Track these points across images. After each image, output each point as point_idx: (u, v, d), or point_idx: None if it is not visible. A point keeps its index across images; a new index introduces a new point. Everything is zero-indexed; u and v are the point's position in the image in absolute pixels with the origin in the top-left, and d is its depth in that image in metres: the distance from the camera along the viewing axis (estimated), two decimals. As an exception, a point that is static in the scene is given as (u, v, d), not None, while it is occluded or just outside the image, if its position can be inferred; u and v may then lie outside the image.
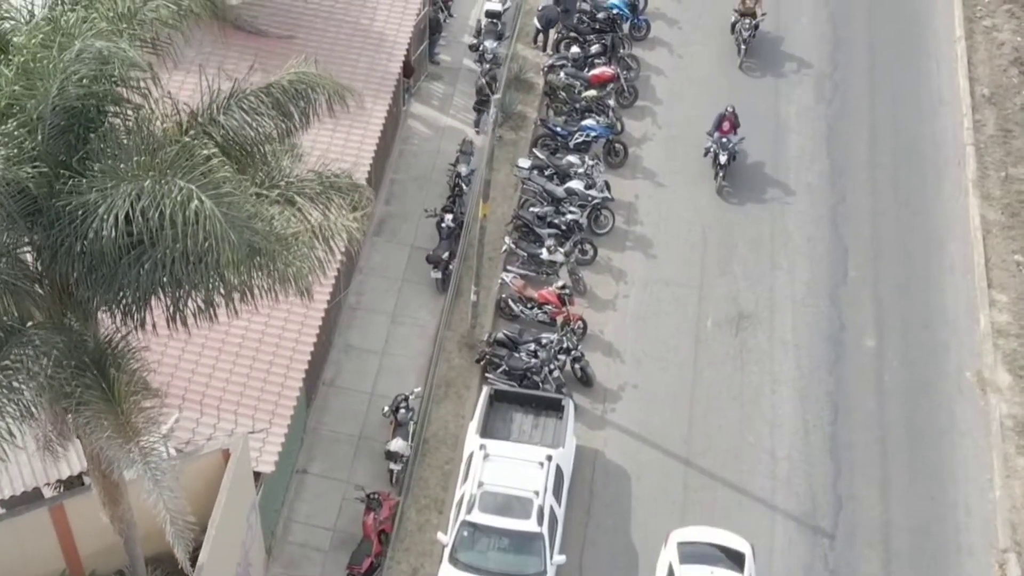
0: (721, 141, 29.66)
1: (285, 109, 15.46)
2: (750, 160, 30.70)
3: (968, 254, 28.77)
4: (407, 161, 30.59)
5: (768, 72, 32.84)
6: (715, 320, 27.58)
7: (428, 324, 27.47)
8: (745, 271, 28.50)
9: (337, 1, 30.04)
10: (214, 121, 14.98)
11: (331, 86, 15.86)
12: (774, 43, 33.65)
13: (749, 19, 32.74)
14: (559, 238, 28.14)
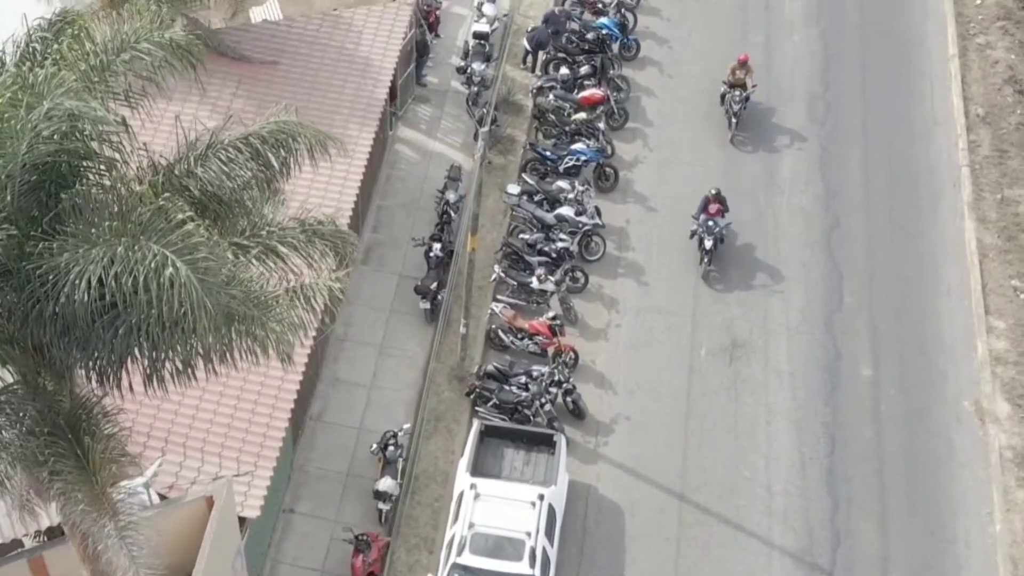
0: (707, 224, 27.89)
1: (265, 159, 14.98)
2: (743, 183, 30.21)
3: (964, 279, 28.34)
4: (394, 187, 30.08)
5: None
6: (709, 349, 27.12)
7: (417, 356, 26.97)
8: (739, 298, 28.02)
9: (322, 25, 29.57)
10: (191, 173, 14.46)
11: (312, 134, 15.34)
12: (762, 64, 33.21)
13: (739, 91, 30.93)
14: (549, 266, 27.66)
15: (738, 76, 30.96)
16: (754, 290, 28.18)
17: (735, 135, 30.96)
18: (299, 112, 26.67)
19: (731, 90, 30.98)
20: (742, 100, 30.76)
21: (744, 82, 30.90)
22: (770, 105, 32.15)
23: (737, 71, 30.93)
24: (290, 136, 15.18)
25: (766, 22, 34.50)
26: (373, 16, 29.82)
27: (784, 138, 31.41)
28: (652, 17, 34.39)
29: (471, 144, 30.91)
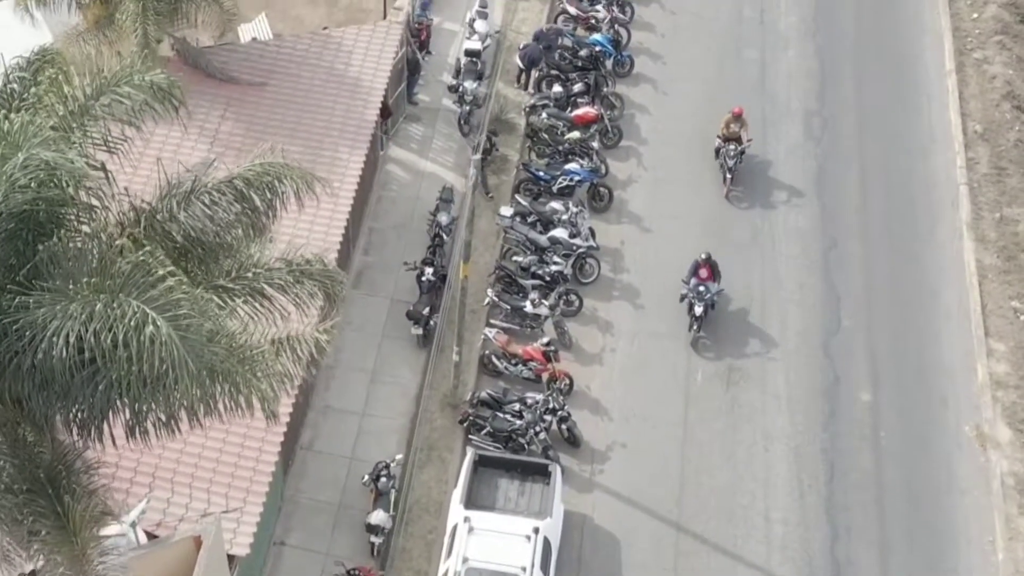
0: (698, 290, 26.57)
1: (250, 202, 14.52)
2: (741, 204, 29.82)
3: (964, 300, 27.97)
4: (385, 208, 29.65)
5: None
6: (705, 374, 26.72)
7: (409, 382, 26.54)
8: (736, 321, 27.60)
9: (311, 45, 29.15)
10: (174, 218, 14.02)
11: (299, 176, 14.92)
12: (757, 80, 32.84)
13: (734, 145, 29.55)
14: (543, 290, 27.25)
15: (732, 129, 29.54)
16: (750, 313, 27.75)
17: (731, 190, 29.67)
18: (290, 133, 26.98)
19: (725, 144, 29.57)
20: (737, 155, 29.38)
21: (739, 135, 29.53)
22: (764, 128, 31.71)
23: (731, 124, 29.56)
24: (276, 178, 14.77)
25: (761, 37, 34.12)
26: (363, 35, 29.40)
27: (780, 156, 30.98)
28: (646, 32, 33.98)
29: (463, 163, 30.52)
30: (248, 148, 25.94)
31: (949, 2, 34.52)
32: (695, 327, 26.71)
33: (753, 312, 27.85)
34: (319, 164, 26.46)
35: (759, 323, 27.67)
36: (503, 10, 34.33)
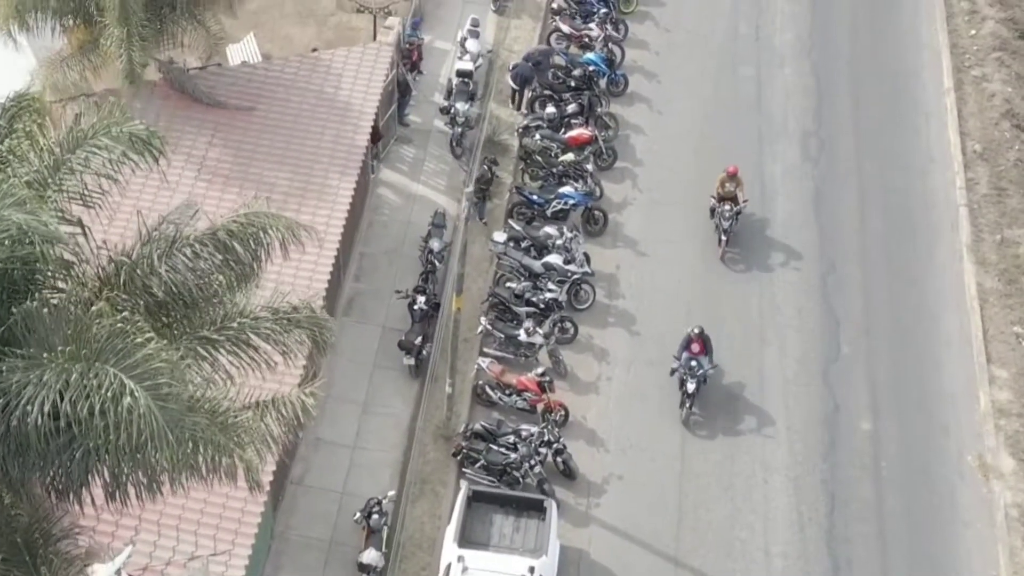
0: (690, 365, 25.25)
1: (234, 254, 14.01)
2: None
3: (965, 325, 27.53)
4: (377, 233, 29.15)
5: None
6: (702, 403, 26.23)
7: (402, 413, 26.05)
8: (732, 349, 27.12)
9: (300, 68, 28.66)
10: (154, 272, 13.52)
11: (284, 225, 14.41)
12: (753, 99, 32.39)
13: (729, 205, 28.27)
14: (538, 317, 26.76)
15: (728, 189, 28.30)
16: (748, 339, 27.30)
17: (726, 252, 28.45)
18: (278, 160, 26.50)
19: (720, 204, 28.35)
20: (733, 215, 28.12)
21: (735, 195, 28.29)
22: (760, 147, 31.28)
23: (727, 183, 28.30)
24: (261, 229, 14.27)
25: (756, 54, 33.68)
26: (353, 57, 28.91)
27: (777, 178, 30.55)
28: (640, 50, 33.52)
29: (455, 186, 30.08)
30: (236, 175, 26.19)
31: (947, 18, 34.11)
32: (687, 404, 25.38)
33: (751, 338, 27.39)
34: (308, 192, 26.16)
35: (757, 349, 27.22)
36: (495, 28, 33.86)
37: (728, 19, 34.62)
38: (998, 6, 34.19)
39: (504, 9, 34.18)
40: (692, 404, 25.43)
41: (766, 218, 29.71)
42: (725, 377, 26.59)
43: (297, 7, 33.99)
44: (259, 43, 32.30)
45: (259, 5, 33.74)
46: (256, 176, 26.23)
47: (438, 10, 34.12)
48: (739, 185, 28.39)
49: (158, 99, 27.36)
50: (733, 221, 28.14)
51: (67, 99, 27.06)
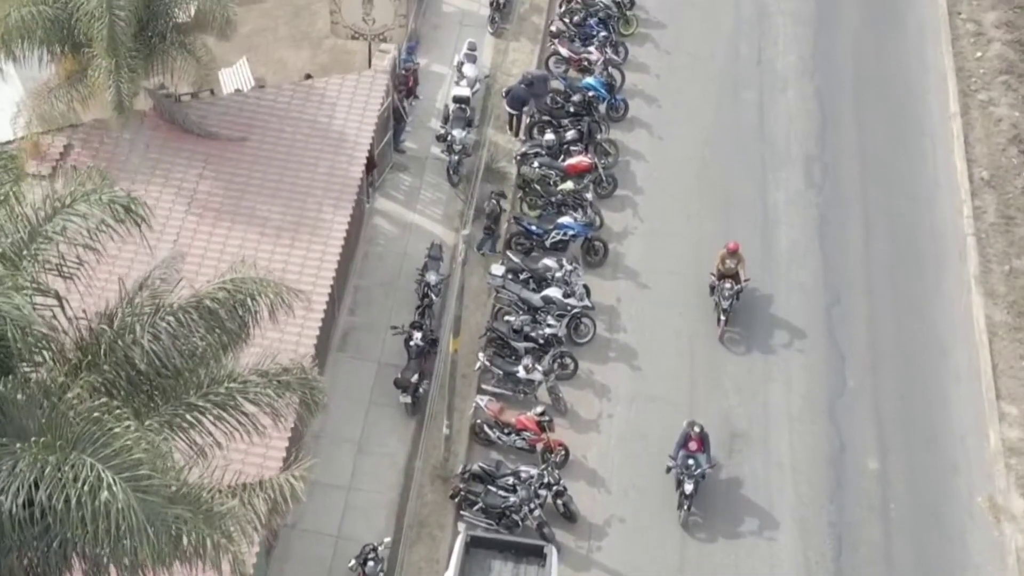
0: (687, 463, 23.95)
1: (220, 324, 13.38)
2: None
3: (974, 360, 26.92)
4: (372, 264, 28.52)
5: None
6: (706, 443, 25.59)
7: (398, 453, 25.43)
8: (736, 384, 26.53)
9: (294, 96, 28.01)
10: (136, 342, 12.88)
11: (273, 290, 13.78)
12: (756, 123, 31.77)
13: (730, 283, 26.88)
14: (537, 353, 26.14)
15: (728, 265, 26.87)
16: (752, 375, 26.70)
17: (725, 332, 27.12)
18: (271, 193, 25.86)
19: (720, 282, 26.96)
20: (733, 294, 26.68)
21: (736, 272, 26.89)
22: (764, 173, 30.67)
23: (727, 260, 26.88)
24: (248, 296, 13.63)
25: (758, 77, 33.07)
26: (348, 85, 28.25)
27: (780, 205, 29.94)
28: (640, 73, 32.91)
29: (452, 215, 29.49)
30: (227, 209, 25.55)
31: (952, 40, 33.49)
32: (685, 506, 24.00)
33: (755, 373, 26.78)
34: (302, 226, 25.53)
35: (761, 385, 26.62)
36: (493, 51, 33.25)
37: (729, 41, 34.01)
38: (1004, 28, 33.59)
39: (502, 31, 33.58)
40: (691, 506, 23.98)
41: (769, 249, 29.09)
42: (729, 415, 25.99)
43: (291, 30, 33.38)
44: (252, 67, 31.67)
45: (252, 28, 33.13)
46: (248, 210, 25.60)
47: (435, 32, 33.53)
48: (740, 262, 26.87)
49: (148, 129, 26.72)
50: (733, 300, 26.71)
51: (55, 130, 26.48)
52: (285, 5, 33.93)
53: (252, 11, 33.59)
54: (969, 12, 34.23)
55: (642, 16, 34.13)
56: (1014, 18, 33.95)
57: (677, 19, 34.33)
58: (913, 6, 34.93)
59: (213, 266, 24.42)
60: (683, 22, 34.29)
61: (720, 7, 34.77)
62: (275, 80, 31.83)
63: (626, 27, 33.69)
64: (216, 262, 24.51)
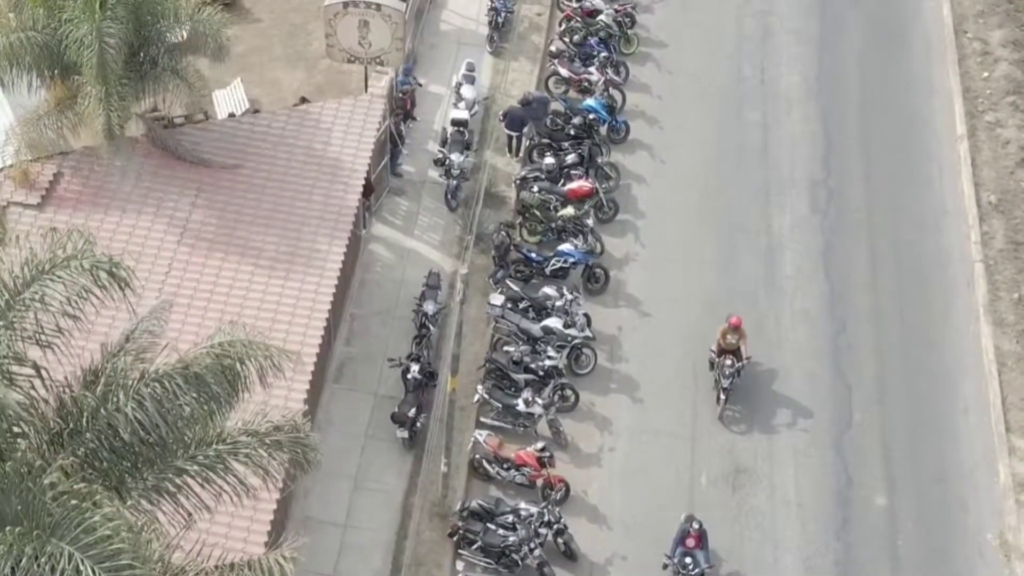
0: (684, 562, 22.87)
1: (208, 390, 12.82)
2: (741, 283, 28.22)
3: (983, 392, 26.37)
4: (369, 292, 27.96)
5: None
6: (709, 477, 25.11)
7: (395, 489, 24.87)
8: (740, 416, 25.97)
9: (288, 122, 27.47)
10: (119, 410, 12.33)
11: (264, 354, 13.22)
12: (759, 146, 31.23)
13: (731, 360, 25.52)
14: (537, 385, 25.60)
15: (729, 341, 25.52)
16: (757, 408, 26.13)
17: (725, 411, 25.82)
18: (265, 223, 25.31)
19: (720, 358, 25.60)
20: (734, 372, 25.27)
21: (737, 348, 25.56)
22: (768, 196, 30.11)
23: (728, 335, 25.52)
24: (237, 360, 13.06)
25: (762, 98, 32.51)
26: (344, 110, 27.72)
27: (784, 230, 29.38)
28: (641, 94, 32.36)
29: (450, 241, 28.96)
30: (220, 240, 25.00)
31: (958, 59, 32.93)
32: None
33: (760, 406, 26.23)
34: (297, 257, 25.01)
35: (766, 418, 26.08)
36: (492, 71, 32.69)
37: (732, 60, 33.45)
38: (1011, 47, 33.05)
39: (501, 51, 33.03)
40: None
41: (773, 275, 28.56)
42: (733, 448, 25.45)
43: (286, 50, 32.82)
44: (246, 88, 31.14)
45: (247, 47, 32.60)
46: (242, 240, 25.05)
47: (432, 52, 32.98)
48: (742, 337, 25.56)
49: (139, 157, 26.15)
50: (734, 378, 25.34)
51: (45, 157, 25.95)
52: (280, 24, 33.39)
53: (247, 30, 33.09)
54: (975, 30, 33.68)
55: (643, 35, 33.59)
56: (1021, 36, 33.42)
57: (679, 38, 33.77)
58: (918, 24, 34.39)
59: (205, 300, 23.96)
60: (685, 41, 33.74)
61: (722, 25, 34.23)
62: (270, 101, 31.32)
63: (627, 46, 33.16)
64: (208, 296, 24.03)
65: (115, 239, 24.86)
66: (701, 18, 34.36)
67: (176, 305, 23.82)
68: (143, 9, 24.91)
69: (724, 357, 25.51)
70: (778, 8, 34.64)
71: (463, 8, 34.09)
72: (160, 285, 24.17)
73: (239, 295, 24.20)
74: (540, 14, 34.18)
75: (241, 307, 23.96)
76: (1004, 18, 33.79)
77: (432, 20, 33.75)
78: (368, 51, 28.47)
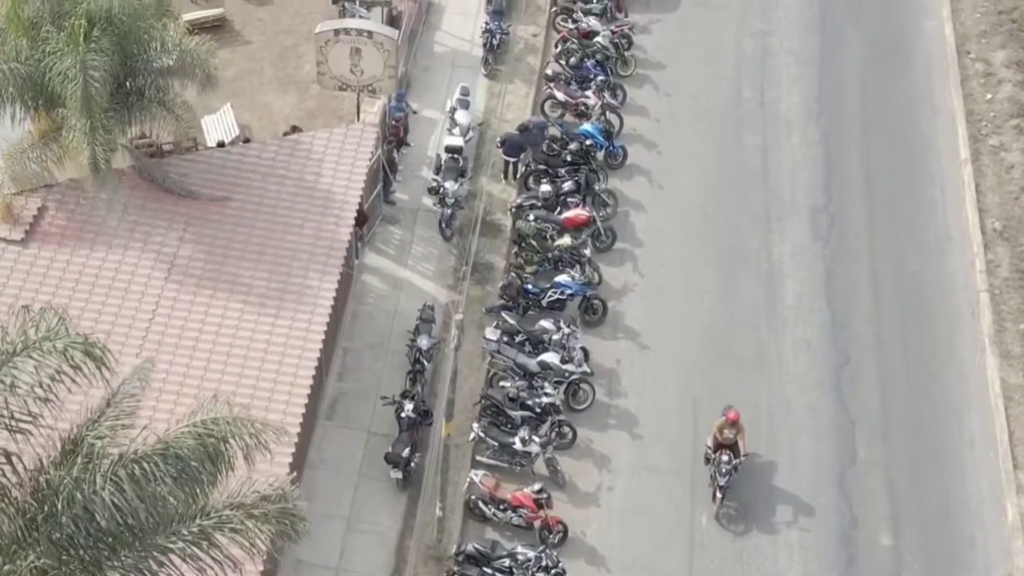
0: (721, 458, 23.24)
1: (190, 472, 12.23)
2: (743, 315, 27.67)
3: (989, 426, 25.82)
4: (362, 325, 27.38)
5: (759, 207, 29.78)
6: (710, 517, 24.52)
7: (389, 530, 24.30)
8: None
9: (279, 152, 26.88)
10: (96, 493, 11.74)
11: (248, 431, 12.63)
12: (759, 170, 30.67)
13: (728, 456, 24.15)
14: (534, 422, 25.03)
15: (727, 436, 24.22)
16: (758, 443, 25.53)
17: (721, 508, 24.37)
18: (255, 258, 24.71)
19: (717, 453, 24.24)
20: (731, 468, 23.95)
21: (735, 443, 24.26)
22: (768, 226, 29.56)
23: (725, 429, 24.23)
24: (220, 440, 12.47)
25: (762, 121, 31.94)
26: (335, 139, 27.14)
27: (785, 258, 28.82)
28: (639, 117, 31.78)
29: (445, 272, 28.39)
30: (209, 276, 24.41)
31: (961, 80, 32.38)
32: None
33: (760, 441, 25.64)
34: (287, 294, 24.43)
35: (768, 454, 25.50)
36: (486, 94, 32.10)
37: (731, 81, 32.88)
38: (1015, 67, 32.51)
39: (496, 73, 32.45)
40: None
41: (774, 303, 28.01)
42: (734, 487, 24.85)
43: (277, 73, 32.24)
44: (237, 113, 30.57)
45: (237, 71, 32.04)
46: (231, 276, 24.45)
47: (425, 75, 32.40)
48: (740, 432, 24.20)
49: (126, 189, 25.57)
50: (731, 475, 23.98)
51: (28, 191, 25.35)
52: (271, 47, 32.81)
53: (237, 53, 32.55)
54: (978, 51, 33.14)
55: (641, 56, 33.03)
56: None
57: (677, 59, 33.21)
58: (920, 43, 33.84)
59: (194, 339, 23.36)
60: (683, 62, 33.18)
61: (721, 46, 33.67)
62: (261, 127, 30.76)
63: (624, 68, 32.59)
64: (197, 335, 23.43)
65: (101, 276, 24.30)
66: (699, 38, 33.80)
67: (163, 345, 23.33)
68: (129, 39, 24.31)
69: (721, 453, 24.14)
70: (777, 28, 34.09)
71: (457, 29, 33.52)
72: (147, 324, 23.59)
73: (228, 334, 23.61)
74: (536, 35, 33.61)
75: (230, 346, 23.38)
76: (1007, 38, 33.25)
77: (426, 42, 33.17)
78: (360, 79, 27.90)
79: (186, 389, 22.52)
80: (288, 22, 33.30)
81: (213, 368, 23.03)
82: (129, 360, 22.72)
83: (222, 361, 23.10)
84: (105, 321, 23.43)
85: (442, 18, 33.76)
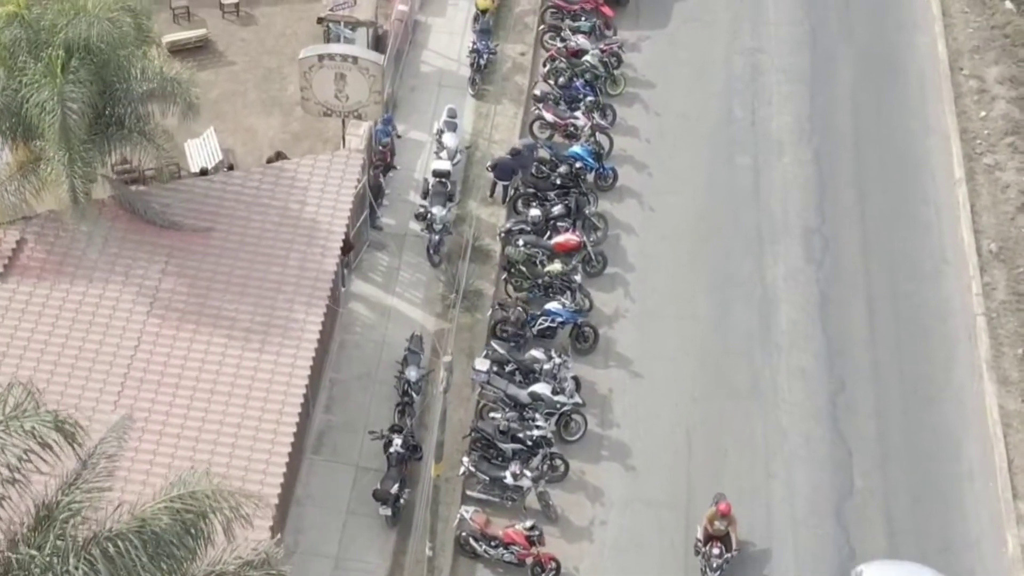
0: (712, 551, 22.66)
1: (167, 551, 11.71)
2: (736, 341, 27.23)
3: (988, 454, 25.43)
4: (348, 355, 26.86)
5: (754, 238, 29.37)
6: (706, 552, 24.06)
7: (378, 570, 23.81)
8: (736, 484, 24.91)
9: (263, 180, 26.34)
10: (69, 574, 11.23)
11: (229, 504, 12.11)
12: (751, 191, 30.23)
13: (719, 548, 22.99)
14: (525, 455, 24.54)
15: (718, 528, 23.17)
16: (754, 474, 25.11)
17: None
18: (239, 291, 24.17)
19: (708, 546, 23.15)
20: (721, 563, 22.84)
21: (726, 534, 23.19)
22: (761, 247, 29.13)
23: (716, 521, 23.19)
24: (199, 515, 11.93)
25: (753, 140, 31.49)
26: (320, 166, 26.60)
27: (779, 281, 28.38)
28: (629, 138, 31.31)
29: (433, 299, 27.89)
30: (192, 310, 23.86)
31: (955, 98, 31.98)
32: None
33: (756, 470, 25.23)
34: (272, 327, 23.91)
35: (763, 484, 25.08)
36: (474, 115, 31.62)
37: (721, 100, 32.43)
38: (1008, 84, 32.12)
39: (483, 93, 31.95)
40: None
41: (768, 329, 27.57)
42: (730, 520, 24.43)
43: (261, 95, 31.70)
44: (220, 137, 30.02)
45: (220, 92, 31.51)
46: (214, 310, 23.92)
47: (412, 95, 31.89)
48: (732, 524, 23.24)
49: (106, 220, 25.02)
50: (721, 570, 22.90)
51: (7, 223, 24.78)
52: (254, 68, 32.27)
53: (220, 74, 32.03)
54: (971, 67, 32.75)
55: (630, 74, 32.58)
56: (1018, 72, 32.51)
57: (666, 77, 32.76)
58: (912, 60, 33.44)
59: (176, 375, 22.84)
60: (673, 80, 32.72)
61: (711, 64, 33.22)
62: (244, 151, 30.24)
63: (613, 87, 32.14)
64: (180, 371, 22.90)
65: (81, 311, 23.75)
66: (689, 56, 33.35)
67: (145, 382, 22.81)
68: (108, 68, 23.82)
69: (711, 545, 23.08)
70: (768, 45, 33.65)
71: (444, 49, 33.03)
72: (129, 360, 23.04)
73: (212, 369, 23.09)
74: (523, 53, 33.13)
75: (214, 383, 22.86)
76: (1000, 53, 32.87)
77: (412, 61, 32.66)
78: (345, 104, 27.39)
79: (168, 428, 22.04)
80: (272, 43, 32.77)
81: (196, 406, 22.51)
82: (109, 400, 22.39)
83: (206, 399, 22.58)
84: (86, 358, 22.91)
85: (428, 37, 33.26)
